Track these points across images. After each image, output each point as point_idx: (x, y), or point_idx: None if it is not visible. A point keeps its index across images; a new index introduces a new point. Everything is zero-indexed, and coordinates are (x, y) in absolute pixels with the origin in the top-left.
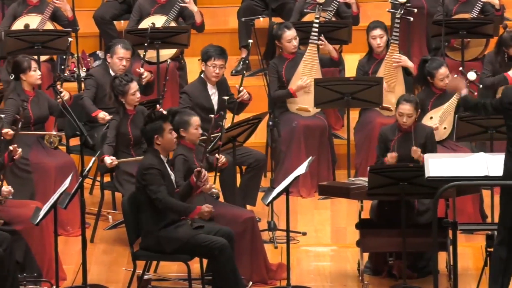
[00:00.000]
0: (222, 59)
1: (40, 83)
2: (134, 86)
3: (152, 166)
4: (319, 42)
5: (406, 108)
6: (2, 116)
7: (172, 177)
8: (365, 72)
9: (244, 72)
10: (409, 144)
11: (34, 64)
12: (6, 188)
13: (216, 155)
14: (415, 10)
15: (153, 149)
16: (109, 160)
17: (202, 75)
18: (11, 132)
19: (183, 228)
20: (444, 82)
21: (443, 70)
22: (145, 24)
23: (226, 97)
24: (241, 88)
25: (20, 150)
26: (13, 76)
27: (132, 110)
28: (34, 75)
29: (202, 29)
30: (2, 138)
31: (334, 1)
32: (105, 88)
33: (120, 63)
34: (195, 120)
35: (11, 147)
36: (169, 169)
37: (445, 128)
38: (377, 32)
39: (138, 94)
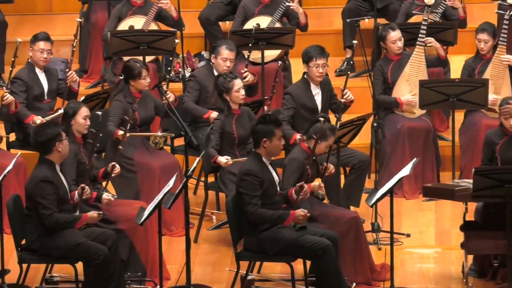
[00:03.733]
0: (324, 58)
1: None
2: (238, 83)
3: (250, 172)
4: (427, 39)
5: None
6: (99, 113)
7: (276, 179)
8: (471, 70)
9: (348, 72)
10: None
11: (144, 72)
12: (107, 196)
13: (324, 163)
14: None
15: (256, 153)
16: (224, 159)
17: (305, 76)
18: (128, 135)
19: (286, 230)
20: None
21: None
22: (249, 25)
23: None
24: (345, 91)
25: (118, 168)
26: (122, 76)
27: (237, 109)
28: (143, 83)
29: (306, 29)
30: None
31: (442, 3)
32: (209, 89)
33: (224, 64)
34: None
35: (111, 164)
36: (272, 171)
37: None
38: (483, 36)
39: (242, 92)
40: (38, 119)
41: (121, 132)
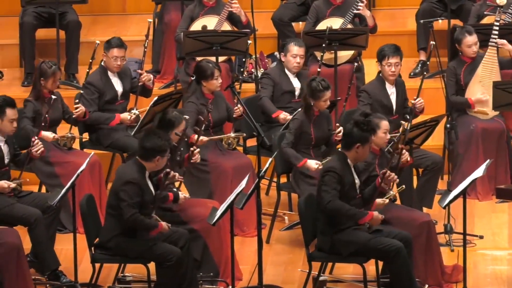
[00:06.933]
0: (397, 57)
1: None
2: (328, 94)
3: (332, 170)
4: (499, 41)
5: None
6: (187, 117)
7: (357, 182)
8: None
9: (425, 73)
10: None
11: (217, 73)
12: (182, 195)
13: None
14: None
15: (342, 154)
16: (314, 165)
17: (380, 75)
18: (205, 139)
19: (359, 232)
20: None
21: None
22: (322, 26)
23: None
24: (418, 99)
25: (198, 155)
26: (194, 77)
27: (317, 111)
28: (215, 83)
29: (374, 31)
30: (185, 139)
31: None
32: (281, 86)
33: (294, 61)
34: (385, 124)
35: (192, 148)
36: (354, 174)
37: None
38: None
39: (328, 102)
40: (128, 115)
41: (201, 137)
